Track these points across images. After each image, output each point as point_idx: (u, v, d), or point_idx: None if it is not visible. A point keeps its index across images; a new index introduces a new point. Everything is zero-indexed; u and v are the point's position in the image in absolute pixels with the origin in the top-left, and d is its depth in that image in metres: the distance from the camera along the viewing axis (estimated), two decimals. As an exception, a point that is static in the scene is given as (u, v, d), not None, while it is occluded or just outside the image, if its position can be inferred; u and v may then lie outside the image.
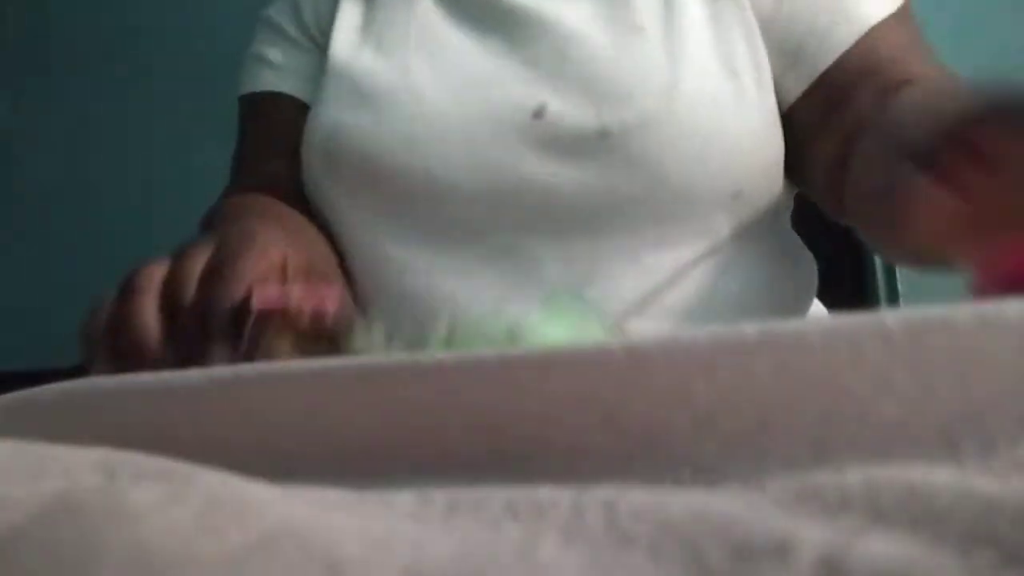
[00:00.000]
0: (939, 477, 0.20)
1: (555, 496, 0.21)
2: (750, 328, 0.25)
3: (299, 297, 0.43)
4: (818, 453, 0.23)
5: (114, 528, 0.18)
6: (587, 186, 0.64)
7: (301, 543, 0.19)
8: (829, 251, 1.32)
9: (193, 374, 0.30)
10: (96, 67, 1.89)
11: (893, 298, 1.33)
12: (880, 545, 0.17)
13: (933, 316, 0.23)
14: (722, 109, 0.63)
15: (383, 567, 0.18)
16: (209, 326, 0.42)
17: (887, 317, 0.23)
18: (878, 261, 1.36)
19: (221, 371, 0.30)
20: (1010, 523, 0.17)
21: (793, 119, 0.67)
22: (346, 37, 0.73)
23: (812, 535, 0.17)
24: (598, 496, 0.21)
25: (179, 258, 0.46)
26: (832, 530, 0.18)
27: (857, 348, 0.23)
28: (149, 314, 0.43)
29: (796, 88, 0.67)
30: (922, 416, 0.23)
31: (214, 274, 0.43)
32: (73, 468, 0.23)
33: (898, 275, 1.34)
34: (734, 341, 0.25)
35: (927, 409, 0.23)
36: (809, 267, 0.75)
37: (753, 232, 0.68)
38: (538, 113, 0.65)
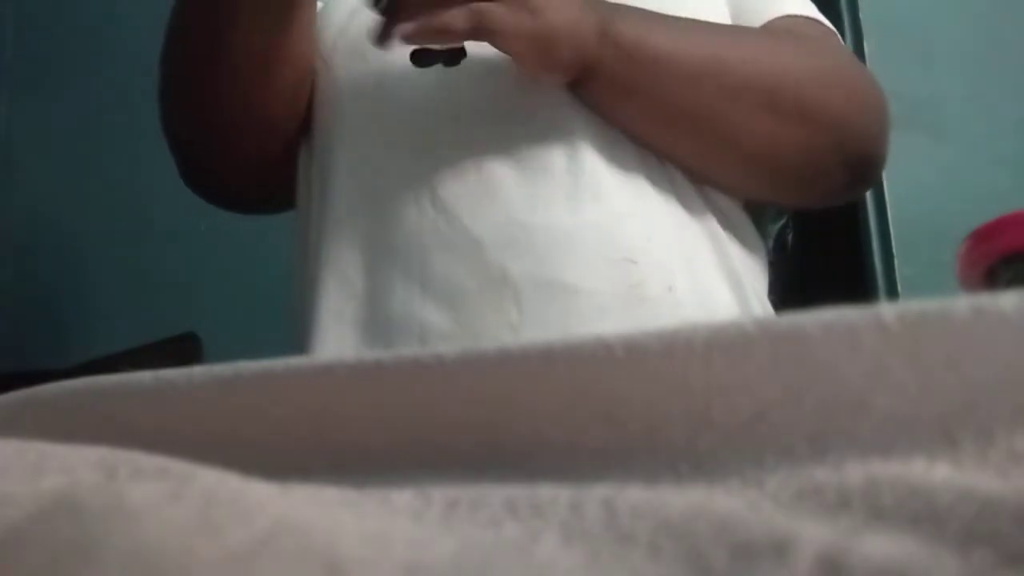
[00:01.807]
0: (939, 475, 0.20)
1: (554, 494, 0.21)
2: (748, 320, 0.25)
3: None
4: (816, 446, 0.23)
5: (114, 527, 0.18)
6: None
7: (301, 542, 0.19)
8: (828, 246, 1.32)
9: (193, 373, 0.30)
10: (88, 73, 1.89)
11: (892, 292, 1.33)
12: (880, 544, 0.17)
13: (930, 308, 0.23)
14: None
15: (382, 566, 0.18)
16: None
17: (884, 309, 0.24)
18: (876, 256, 1.36)
19: (221, 369, 0.30)
20: (1010, 522, 0.17)
21: None
22: None
23: (812, 534, 0.18)
24: (597, 494, 0.21)
25: None
26: (832, 529, 0.18)
27: (854, 340, 0.23)
28: None
29: None
30: (919, 408, 0.23)
31: None
32: (73, 466, 0.23)
33: (897, 270, 1.34)
34: (732, 333, 0.25)
35: (925, 401, 0.23)
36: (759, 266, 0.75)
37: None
38: None
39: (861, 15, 1.38)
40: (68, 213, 1.86)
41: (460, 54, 0.62)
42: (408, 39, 0.60)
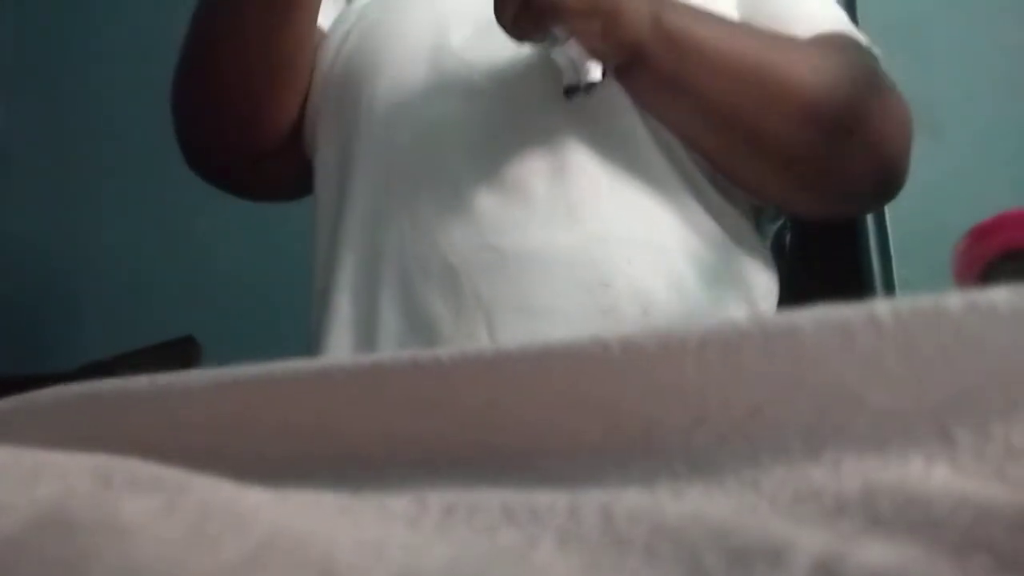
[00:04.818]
0: (937, 480, 0.20)
1: (552, 500, 0.21)
2: (742, 317, 0.25)
3: None
4: (811, 443, 0.23)
5: (106, 543, 0.18)
6: None
7: (295, 551, 0.19)
8: (826, 247, 1.32)
9: (190, 377, 0.30)
10: (87, 75, 1.89)
11: (889, 293, 1.33)
12: (876, 551, 0.17)
13: (923, 304, 0.23)
14: None
15: (377, 573, 0.18)
16: None
17: (877, 306, 0.24)
18: (874, 257, 1.36)
19: (218, 373, 0.30)
20: (1006, 529, 0.17)
21: None
22: None
23: (808, 540, 0.17)
24: (594, 499, 0.21)
25: None
26: (828, 535, 0.18)
27: (848, 335, 0.23)
28: None
29: None
30: (914, 403, 0.23)
31: None
32: (69, 474, 0.23)
33: (894, 270, 1.34)
34: (726, 330, 0.25)
35: (919, 396, 0.23)
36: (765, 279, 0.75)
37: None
38: None
39: (858, 13, 1.38)
40: (66, 216, 1.86)
41: (593, 85, 0.63)
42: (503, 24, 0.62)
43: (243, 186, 0.84)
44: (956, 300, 0.23)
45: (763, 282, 0.72)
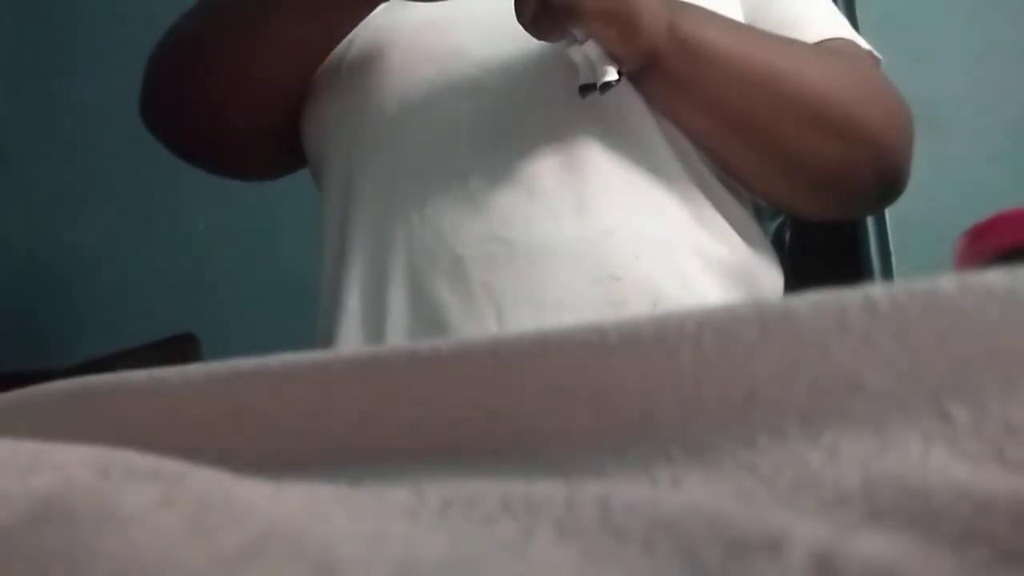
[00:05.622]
0: (935, 471, 0.20)
1: (549, 491, 0.21)
2: (738, 303, 0.25)
3: None
4: (808, 426, 0.23)
5: (103, 533, 0.18)
6: None
7: (293, 544, 0.19)
8: (825, 245, 1.32)
9: (188, 371, 0.30)
10: (86, 70, 1.89)
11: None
12: (874, 543, 0.17)
13: (917, 286, 0.23)
14: None
15: (376, 565, 0.18)
16: None
17: (872, 289, 0.24)
18: (874, 254, 1.37)
19: (217, 367, 0.30)
20: (1005, 521, 0.17)
21: None
22: None
23: (806, 531, 0.17)
24: (592, 491, 0.21)
25: None
26: (827, 526, 0.18)
27: (843, 318, 0.23)
28: None
29: None
30: (911, 383, 0.23)
31: None
32: (67, 465, 0.23)
33: (894, 268, 1.34)
34: (722, 315, 0.25)
35: (916, 376, 0.23)
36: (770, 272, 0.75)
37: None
38: None
39: (857, 13, 1.38)
40: (65, 213, 1.86)
41: (609, 85, 0.63)
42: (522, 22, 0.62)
43: (212, 160, 0.84)
44: (950, 282, 0.23)
45: (769, 278, 0.72)
